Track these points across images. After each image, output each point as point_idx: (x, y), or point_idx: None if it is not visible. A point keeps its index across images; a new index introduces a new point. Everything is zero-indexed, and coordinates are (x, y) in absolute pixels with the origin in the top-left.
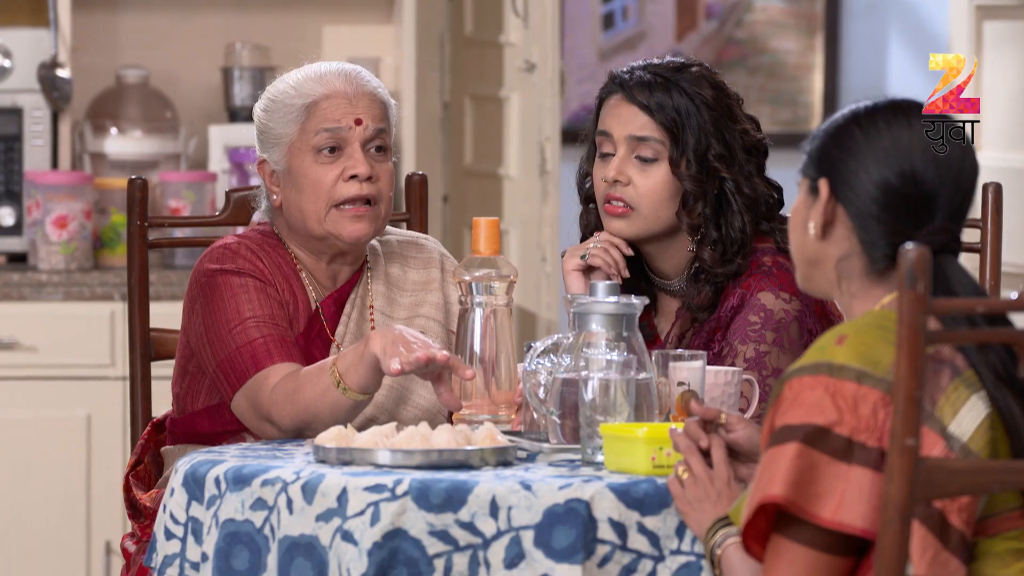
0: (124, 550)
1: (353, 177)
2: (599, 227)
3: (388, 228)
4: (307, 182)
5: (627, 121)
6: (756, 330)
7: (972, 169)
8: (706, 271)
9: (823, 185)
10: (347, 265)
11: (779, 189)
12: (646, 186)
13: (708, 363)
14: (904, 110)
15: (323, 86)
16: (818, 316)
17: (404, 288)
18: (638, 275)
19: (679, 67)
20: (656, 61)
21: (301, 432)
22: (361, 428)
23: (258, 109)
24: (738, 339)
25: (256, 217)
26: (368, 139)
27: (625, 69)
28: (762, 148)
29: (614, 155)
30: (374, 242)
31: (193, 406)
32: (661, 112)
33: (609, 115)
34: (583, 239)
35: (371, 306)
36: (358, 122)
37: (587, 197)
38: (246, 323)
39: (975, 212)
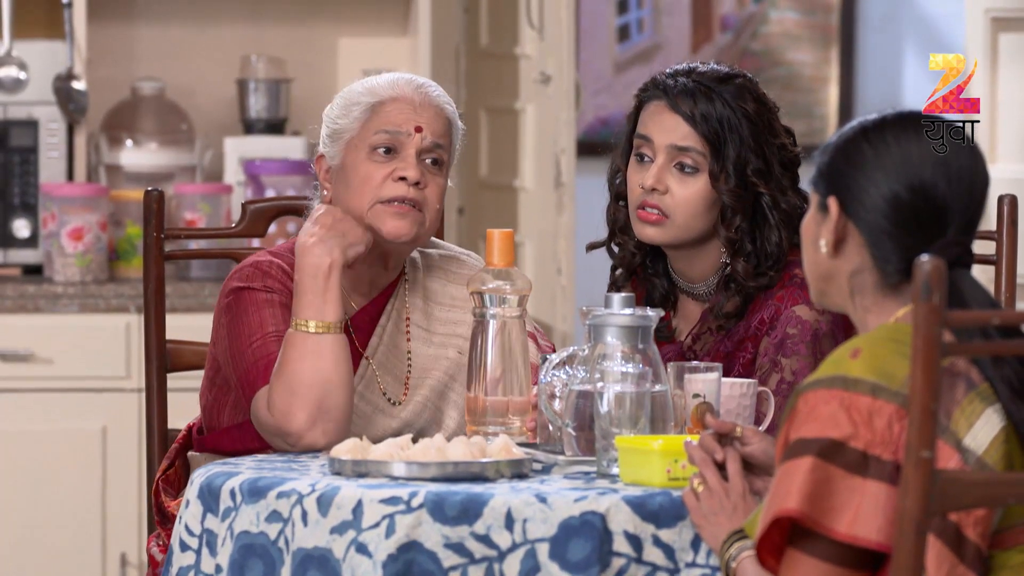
0: (151, 556)
1: (402, 179)
2: (627, 224)
3: (431, 240)
4: (356, 178)
5: (669, 129)
6: (795, 342)
7: (983, 179)
8: (738, 282)
9: (832, 203)
10: (387, 270)
11: (808, 200)
12: (683, 196)
13: (736, 372)
14: (913, 122)
15: (393, 90)
16: (845, 327)
17: (442, 303)
18: (660, 273)
19: (724, 77)
20: (701, 68)
21: (312, 418)
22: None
23: (328, 107)
24: (780, 353)
25: (272, 228)
26: (424, 149)
27: (668, 73)
28: (797, 162)
29: (652, 161)
30: (414, 254)
31: (219, 419)
32: (704, 123)
33: (650, 120)
34: (610, 234)
35: (407, 319)
36: (418, 130)
37: (617, 193)
38: (267, 336)
39: (991, 224)
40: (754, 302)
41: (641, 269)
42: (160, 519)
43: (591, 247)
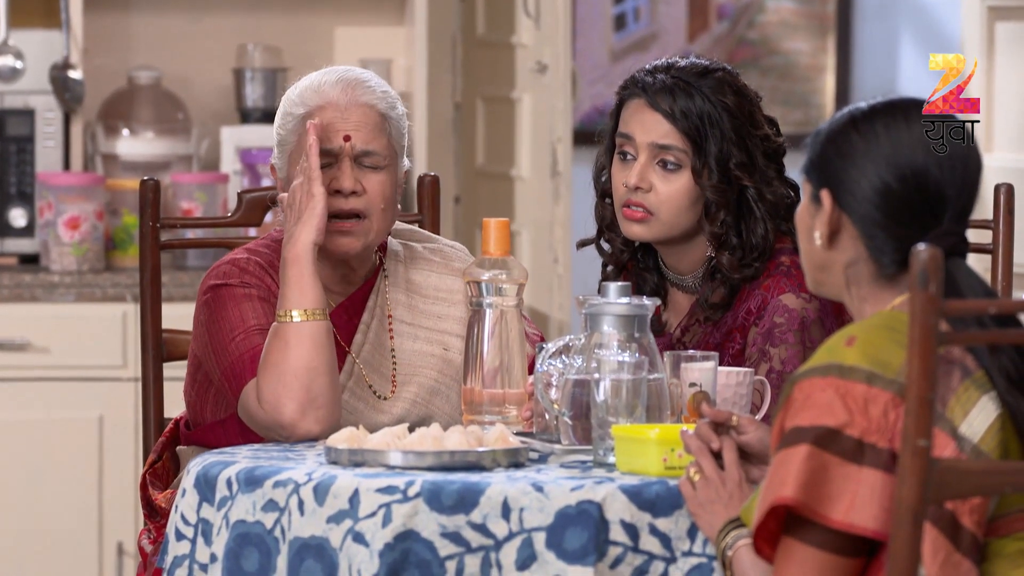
0: (141, 549)
1: (338, 192)
2: (614, 222)
3: (417, 232)
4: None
5: (649, 128)
6: (783, 331)
7: (976, 167)
8: (723, 273)
9: (825, 196)
10: (355, 270)
11: (796, 187)
12: (667, 192)
13: (725, 363)
14: (903, 110)
15: (319, 97)
16: (833, 314)
17: (426, 295)
18: (651, 268)
19: (702, 71)
20: (680, 63)
21: (301, 406)
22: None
23: (276, 114)
24: (769, 343)
25: (268, 218)
26: (357, 155)
27: (647, 70)
28: (782, 151)
29: (635, 159)
30: (397, 246)
31: (202, 414)
32: (684, 120)
33: (631, 119)
34: (599, 232)
35: (390, 316)
36: (346, 139)
37: (603, 191)
38: (250, 330)
39: (987, 213)
40: (741, 292)
41: (631, 264)
42: (148, 512)
43: (581, 244)
